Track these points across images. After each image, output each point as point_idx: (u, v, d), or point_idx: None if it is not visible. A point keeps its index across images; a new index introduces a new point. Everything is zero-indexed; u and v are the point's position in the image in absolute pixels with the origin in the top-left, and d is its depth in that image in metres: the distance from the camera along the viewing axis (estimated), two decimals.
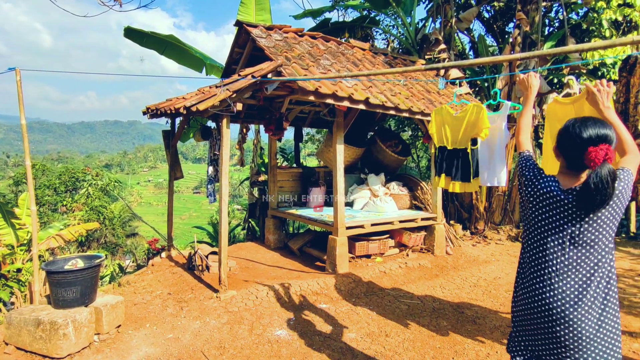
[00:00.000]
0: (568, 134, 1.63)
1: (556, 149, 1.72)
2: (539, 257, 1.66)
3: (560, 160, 1.71)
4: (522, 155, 1.83)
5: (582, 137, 1.58)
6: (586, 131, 1.58)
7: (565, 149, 1.65)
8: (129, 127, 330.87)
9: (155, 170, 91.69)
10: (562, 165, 1.70)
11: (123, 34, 8.14)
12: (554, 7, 9.21)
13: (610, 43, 2.52)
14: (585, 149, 1.56)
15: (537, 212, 1.66)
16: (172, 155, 5.62)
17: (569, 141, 1.62)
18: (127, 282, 4.72)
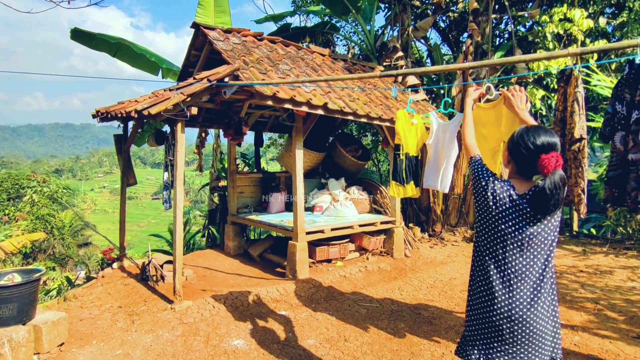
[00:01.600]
0: (521, 142, 1.70)
1: (508, 155, 1.78)
2: (499, 261, 1.70)
3: (510, 166, 1.79)
4: (473, 160, 1.85)
5: (536, 145, 1.66)
6: (538, 139, 1.67)
7: (518, 156, 1.72)
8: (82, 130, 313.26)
9: (111, 176, 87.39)
10: (513, 170, 1.78)
11: (70, 36, 7.72)
12: (503, 19, 9.74)
13: (549, 55, 2.68)
14: (538, 156, 1.64)
15: (496, 216, 1.69)
16: (124, 160, 5.38)
17: (522, 149, 1.69)
18: (74, 296, 4.43)
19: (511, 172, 1.79)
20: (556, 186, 1.56)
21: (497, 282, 1.69)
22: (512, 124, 2.60)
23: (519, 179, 1.74)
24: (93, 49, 7.95)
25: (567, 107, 3.07)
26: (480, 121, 2.73)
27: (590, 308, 4.18)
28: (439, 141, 2.89)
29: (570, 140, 2.93)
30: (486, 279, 1.73)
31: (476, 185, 1.78)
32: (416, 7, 9.83)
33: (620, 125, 2.70)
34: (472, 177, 1.81)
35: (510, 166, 1.79)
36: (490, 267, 1.72)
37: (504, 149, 1.83)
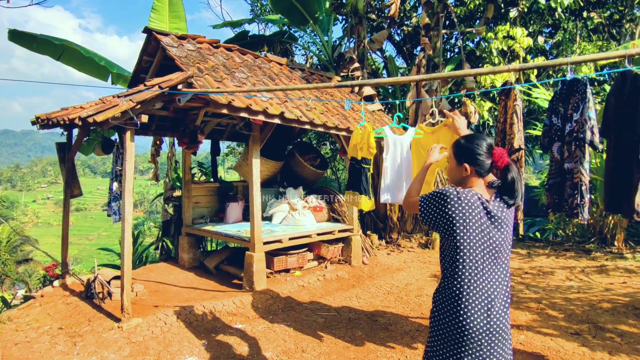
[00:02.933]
0: (475, 148, 1.82)
1: (464, 164, 1.84)
2: (476, 273, 1.70)
3: (467, 172, 1.83)
4: (424, 197, 1.83)
5: (489, 144, 1.83)
6: (485, 142, 1.83)
7: (476, 160, 1.81)
8: (23, 137, 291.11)
9: (57, 186, 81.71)
10: (471, 175, 1.83)
11: (7, 37, 7.20)
12: (454, 34, 10.28)
13: (494, 70, 2.85)
14: (492, 154, 1.80)
15: (471, 230, 1.70)
16: (68, 170, 5.05)
17: (478, 153, 1.81)
18: (9, 318, 4.07)
19: (467, 179, 1.85)
20: (517, 172, 1.77)
21: (476, 296, 1.68)
22: None
23: (475, 182, 1.83)
24: (34, 51, 7.46)
25: (507, 119, 3.27)
26: (420, 144, 2.90)
27: (534, 307, 4.43)
28: (397, 155, 2.97)
29: (510, 149, 3.12)
30: (461, 292, 1.69)
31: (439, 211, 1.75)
32: (372, 20, 10.15)
33: (557, 137, 2.91)
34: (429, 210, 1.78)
35: (467, 172, 1.84)
36: (467, 279, 1.69)
37: (454, 165, 1.89)
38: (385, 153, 3.00)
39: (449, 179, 1.96)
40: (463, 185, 1.86)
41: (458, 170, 1.87)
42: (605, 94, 8.14)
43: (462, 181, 1.87)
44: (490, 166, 1.81)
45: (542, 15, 9.84)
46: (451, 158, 1.92)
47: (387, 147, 3.00)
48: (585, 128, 2.69)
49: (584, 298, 4.64)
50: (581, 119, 2.72)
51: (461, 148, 1.87)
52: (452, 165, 1.91)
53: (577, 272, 5.72)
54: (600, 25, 10.46)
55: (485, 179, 1.83)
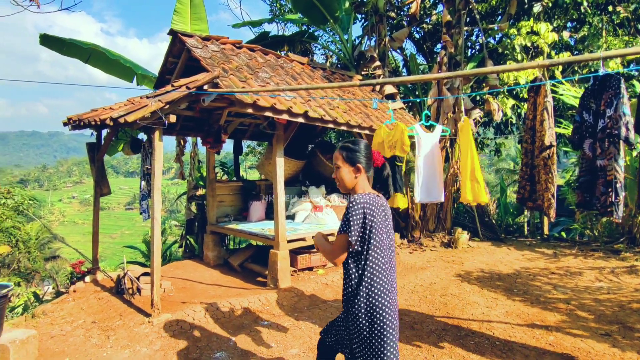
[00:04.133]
0: (363, 151, 2.09)
1: (357, 165, 2.05)
2: (390, 264, 2.02)
3: (359, 173, 2.06)
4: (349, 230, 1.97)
5: (368, 146, 2.13)
6: (365, 144, 2.13)
7: (365, 161, 2.08)
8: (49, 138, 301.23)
9: (81, 186, 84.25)
10: (362, 176, 2.07)
11: (39, 41, 7.47)
12: (475, 31, 10.12)
13: (520, 66, 2.81)
14: (372, 154, 2.11)
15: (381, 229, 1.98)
16: (97, 169, 5.21)
17: (366, 155, 2.09)
18: (43, 312, 4.23)
19: (360, 181, 2.07)
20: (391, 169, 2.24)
21: (391, 278, 2.02)
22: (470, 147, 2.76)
23: (365, 180, 2.08)
24: (64, 54, 7.72)
25: (536, 115, 3.21)
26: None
27: (562, 308, 4.33)
28: (429, 153, 2.95)
29: (540, 147, 3.06)
30: (381, 278, 1.99)
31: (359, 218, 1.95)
32: (392, 19, 10.08)
33: (588, 133, 2.85)
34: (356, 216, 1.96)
35: (359, 173, 2.06)
36: (384, 268, 2.00)
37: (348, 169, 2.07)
38: (418, 151, 2.98)
39: (342, 184, 2.10)
40: (357, 184, 2.08)
41: (351, 172, 2.07)
42: (633, 90, 7.87)
43: (355, 182, 2.08)
44: (372, 165, 2.11)
45: (566, 10, 9.57)
46: (343, 164, 2.09)
47: (419, 146, 2.98)
48: (620, 124, 2.62)
49: (614, 299, 4.51)
50: (615, 115, 2.65)
51: (351, 151, 2.08)
52: (345, 169, 2.08)
53: (607, 273, 5.56)
54: (625, 19, 10.11)
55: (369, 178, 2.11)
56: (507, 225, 9.14)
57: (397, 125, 3.06)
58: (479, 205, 8.35)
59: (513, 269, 5.93)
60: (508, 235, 8.66)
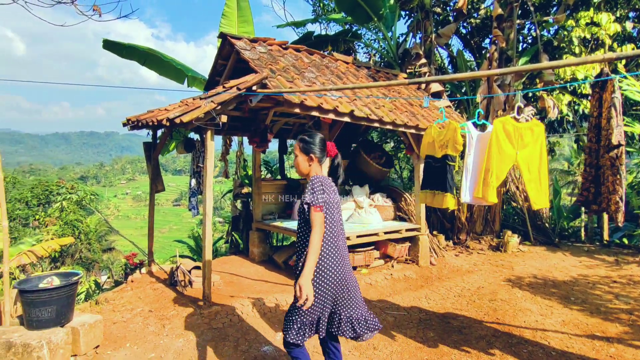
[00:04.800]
0: (318, 142, 2.41)
1: (312, 156, 2.37)
2: (340, 234, 2.37)
3: (312, 161, 2.38)
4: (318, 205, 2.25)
5: (323, 139, 2.44)
6: (320, 136, 2.44)
7: (317, 151, 2.38)
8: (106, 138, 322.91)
9: (134, 183, 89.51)
10: (314, 164, 2.39)
11: (102, 45, 8.02)
12: (526, 24, 9.62)
13: (583, 60, 2.63)
14: (326, 146, 2.44)
15: (334, 205, 2.35)
16: (153, 167, 5.51)
17: (320, 146, 2.41)
18: (105, 299, 4.55)
19: (313, 168, 2.40)
20: (341, 158, 2.58)
21: (341, 245, 2.36)
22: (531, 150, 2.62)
23: (318, 168, 2.41)
24: (123, 57, 8.23)
25: (602, 112, 3.00)
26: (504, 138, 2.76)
27: (625, 319, 4.03)
28: (479, 152, 2.86)
29: (607, 146, 2.85)
30: (338, 250, 2.32)
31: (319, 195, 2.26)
32: (438, 14, 9.81)
33: None
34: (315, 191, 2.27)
35: (312, 162, 2.39)
36: (339, 241, 2.35)
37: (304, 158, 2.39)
38: (468, 150, 2.89)
39: (298, 169, 2.45)
40: (310, 171, 2.42)
41: (306, 161, 2.41)
42: None
43: (309, 169, 2.41)
44: (325, 155, 2.43)
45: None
46: (300, 153, 2.42)
47: (470, 145, 2.89)
48: None
49: None
50: None
51: (307, 143, 2.41)
52: (301, 157, 2.42)
53: None
54: None
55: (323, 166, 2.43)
56: (562, 230, 8.62)
57: (450, 124, 2.98)
58: (530, 207, 7.94)
59: (569, 276, 5.59)
60: (562, 240, 8.16)
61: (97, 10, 5.25)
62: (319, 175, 2.33)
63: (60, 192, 17.59)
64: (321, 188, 2.26)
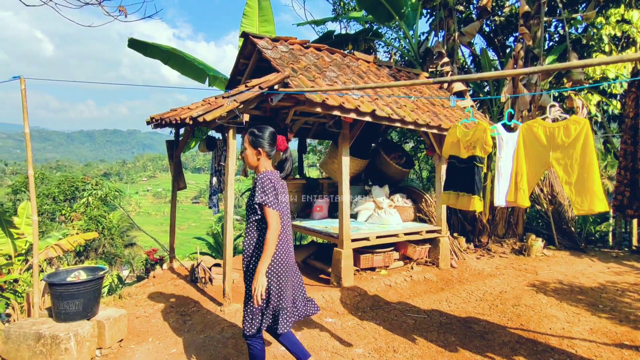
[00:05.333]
0: (267, 137, 2.46)
1: (260, 150, 2.44)
2: (286, 224, 2.47)
3: (260, 157, 2.44)
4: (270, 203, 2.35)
5: (273, 133, 2.50)
6: (270, 130, 2.49)
7: (265, 145, 2.45)
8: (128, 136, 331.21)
9: (154, 180, 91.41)
10: (263, 157, 2.45)
11: (127, 44, 8.19)
12: (553, 22, 9.33)
13: (618, 59, 2.51)
14: (275, 140, 2.51)
15: (283, 198, 2.44)
16: (175, 165, 5.59)
17: (271, 141, 2.48)
18: (128, 294, 4.65)
19: (262, 162, 2.47)
20: (291, 152, 2.67)
21: (287, 238, 2.47)
22: (567, 151, 2.51)
23: (267, 163, 2.48)
24: (147, 56, 8.40)
25: (638, 113, 2.87)
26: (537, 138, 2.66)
27: None
28: (510, 154, 2.77)
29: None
30: (286, 240, 2.45)
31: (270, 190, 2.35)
32: (460, 12, 9.63)
33: None
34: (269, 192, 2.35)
35: (259, 156, 2.45)
36: (285, 231, 2.45)
37: (252, 152, 2.46)
38: (499, 152, 2.81)
39: (247, 161, 2.52)
40: (259, 164, 2.48)
41: (254, 155, 2.47)
42: None
43: (258, 162, 2.47)
44: (274, 149, 2.51)
45: None
46: (248, 146, 2.49)
47: (500, 147, 2.80)
48: None
49: None
50: None
51: (256, 137, 2.47)
52: (250, 151, 2.48)
53: None
54: None
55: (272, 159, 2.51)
56: (588, 234, 8.33)
57: (479, 124, 2.90)
58: (555, 210, 7.71)
59: (597, 283, 5.40)
60: (589, 244, 7.89)
61: (122, 10, 5.37)
62: (267, 171, 2.42)
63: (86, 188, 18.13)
64: (271, 185, 2.35)
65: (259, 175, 2.41)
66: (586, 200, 2.42)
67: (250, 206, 2.44)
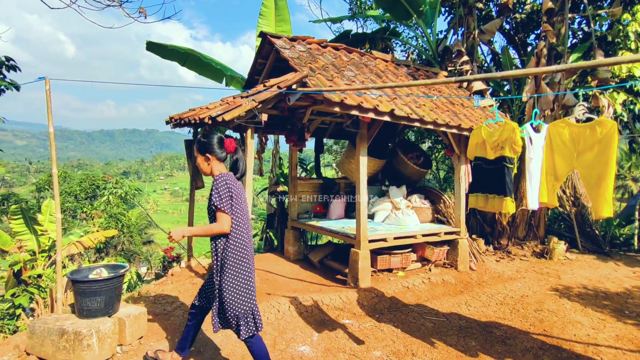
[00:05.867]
0: (215, 142, 2.56)
1: (208, 155, 2.54)
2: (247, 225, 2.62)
3: (211, 162, 2.55)
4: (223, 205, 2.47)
5: (220, 137, 2.58)
6: (217, 136, 2.59)
7: (214, 150, 2.55)
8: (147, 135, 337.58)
9: (172, 179, 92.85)
10: (213, 161, 2.55)
11: (145, 47, 8.30)
12: (576, 18, 9.06)
13: None
14: (223, 144, 2.57)
15: (240, 198, 2.55)
16: (194, 165, 5.63)
17: (218, 145, 2.56)
18: (147, 292, 4.71)
19: (215, 167, 2.56)
20: (242, 154, 2.71)
21: (248, 236, 2.62)
22: (591, 153, 2.42)
23: (219, 164, 2.58)
24: (165, 58, 8.50)
25: None
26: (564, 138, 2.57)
27: None
28: (539, 155, 2.69)
29: None
30: (246, 235, 2.58)
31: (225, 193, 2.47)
32: (479, 10, 9.45)
33: None
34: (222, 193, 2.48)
35: (209, 161, 2.55)
36: (246, 227, 2.60)
37: (201, 159, 2.57)
38: (529, 153, 2.72)
39: (200, 169, 2.61)
40: (212, 168, 2.57)
41: (204, 161, 2.58)
42: None
43: (210, 167, 2.57)
44: (225, 152, 2.58)
45: None
46: (197, 154, 2.59)
47: (529, 148, 2.71)
48: None
49: None
50: None
51: (202, 145, 2.56)
52: (200, 159, 2.59)
53: None
54: None
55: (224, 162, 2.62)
56: (613, 237, 8.07)
57: (506, 124, 2.82)
58: (578, 212, 7.49)
59: (623, 288, 5.22)
60: (614, 248, 7.64)
61: (142, 12, 5.45)
62: (222, 174, 2.51)
63: (106, 187, 18.53)
64: (226, 189, 2.46)
65: (214, 178, 2.52)
66: (604, 206, 2.36)
67: (209, 208, 2.57)
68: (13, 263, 6.40)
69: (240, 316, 2.53)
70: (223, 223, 2.45)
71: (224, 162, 2.61)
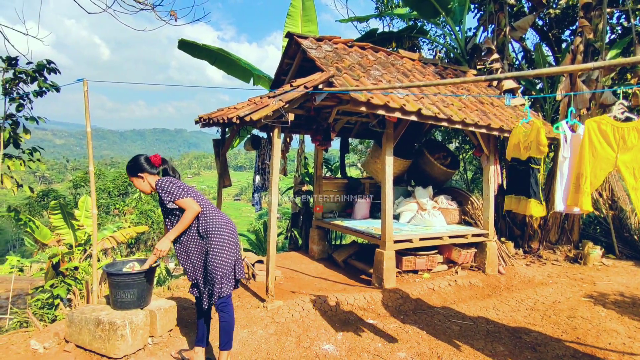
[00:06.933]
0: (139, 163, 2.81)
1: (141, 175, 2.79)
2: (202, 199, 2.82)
3: (141, 179, 2.79)
4: (185, 201, 2.71)
5: (146, 157, 2.84)
6: (143, 156, 2.84)
7: (148, 166, 2.81)
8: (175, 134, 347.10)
9: (199, 177, 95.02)
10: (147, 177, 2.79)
11: (177, 45, 8.54)
12: (615, 13, 8.65)
13: None
14: (149, 160, 2.82)
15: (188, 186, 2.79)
16: (221, 163, 5.75)
17: (143, 163, 2.81)
18: (177, 286, 4.85)
19: (151, 179, 2.81)
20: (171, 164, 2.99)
21: (226, 219, 2.86)
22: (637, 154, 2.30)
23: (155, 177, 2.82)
24: (195, 57, 8.73)
25: None
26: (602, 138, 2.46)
27: None
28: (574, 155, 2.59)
29: None
30: (221, 217, 2.83)
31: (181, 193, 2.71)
32: (511, 6, 9.17)
33: None
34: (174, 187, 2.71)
35: (144, 179, 2.80)
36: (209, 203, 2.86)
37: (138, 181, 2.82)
38: (563, 152, 2.62)
39: (141, 190, 2.87)
40: (150, 184, 2.81)
41: (139, 180, 2.82)
42: None
43: (146, 184, 2.80)
44: (155, 167, 2.82)
45: None
46: (130, 178, 2.88)
47: (564, 146, 2.61)
48: None
49: None
50: None
51: (132, 167, 2.81)
52: (136, 182, 2.85)
53: None
54: None
55: None
56: None
57: (533, 123, 2.73)
58: (615, 216, 7.15)
59: None
60: None
61: (173, 15, 5.61)
62: (159, 178, 2.73)
63: None
64: (169, 183, 2.67)
65: (155, 184, 2.72)
66: None
67: (166, 212, 2.78)
68: (52, 255, 6.74)
69: (225, 275, 2.74)
70: (190, 205, 2.64)
71: (158, 174, 2.85)
